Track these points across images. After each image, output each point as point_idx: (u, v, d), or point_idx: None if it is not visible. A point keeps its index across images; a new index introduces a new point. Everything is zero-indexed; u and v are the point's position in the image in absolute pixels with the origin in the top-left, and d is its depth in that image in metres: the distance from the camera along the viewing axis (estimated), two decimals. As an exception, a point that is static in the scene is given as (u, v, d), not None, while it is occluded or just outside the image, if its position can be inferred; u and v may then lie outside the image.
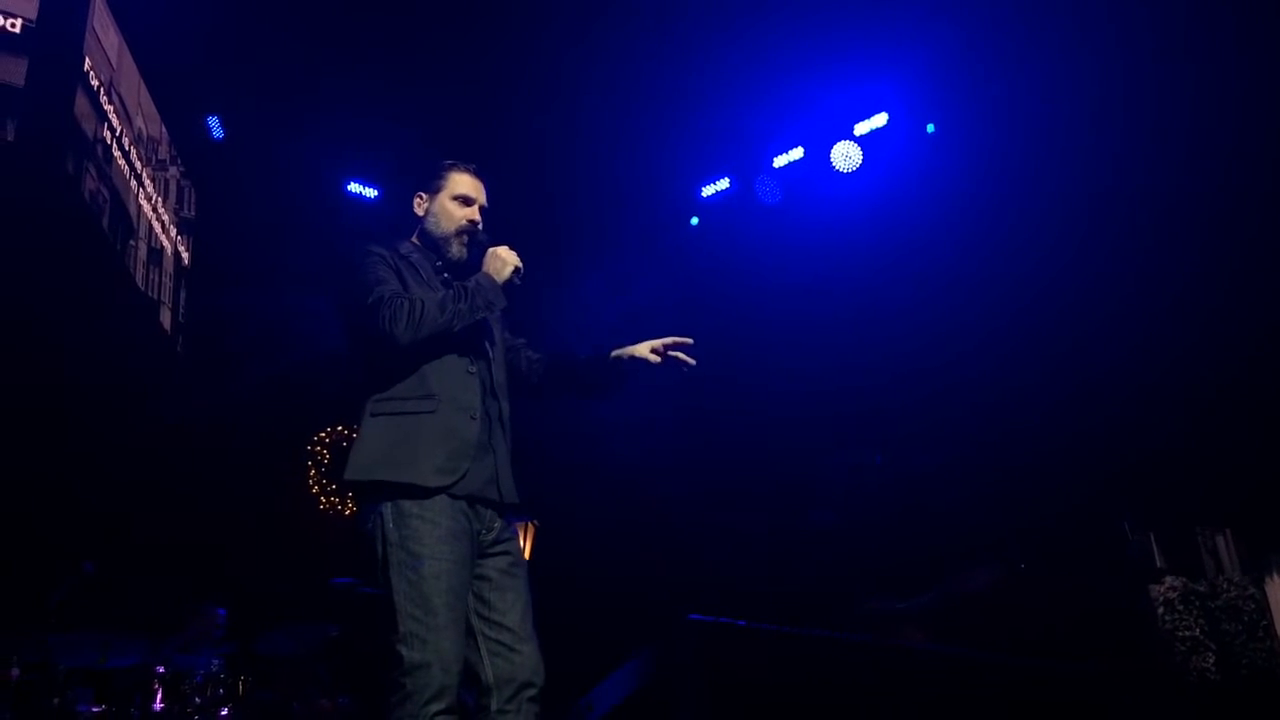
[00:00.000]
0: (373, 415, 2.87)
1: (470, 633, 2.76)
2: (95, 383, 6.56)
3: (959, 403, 7.30)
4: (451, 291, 2.93)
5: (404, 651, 2.62)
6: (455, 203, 3.19)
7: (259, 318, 7.78)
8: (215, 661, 5.66)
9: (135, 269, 6.95)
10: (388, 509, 2.74)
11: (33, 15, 5.76)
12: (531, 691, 2.76)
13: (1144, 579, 5.14)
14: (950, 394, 7.36)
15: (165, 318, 7.51)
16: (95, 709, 5.23)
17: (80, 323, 6.36)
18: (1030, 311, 7.19)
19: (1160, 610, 5.03)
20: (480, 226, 3.18)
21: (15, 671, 5.03)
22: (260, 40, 7.36)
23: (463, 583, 2.73)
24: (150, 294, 7.22)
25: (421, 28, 7.49)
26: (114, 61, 6.64)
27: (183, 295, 7.91)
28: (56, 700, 5.10)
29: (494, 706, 2.73)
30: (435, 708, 2.59)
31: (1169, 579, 5.12)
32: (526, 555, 8.71)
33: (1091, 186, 6.96)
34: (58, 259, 6.09)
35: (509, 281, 3.03)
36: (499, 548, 2.89)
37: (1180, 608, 5.01)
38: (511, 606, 2.82)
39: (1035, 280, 7.19)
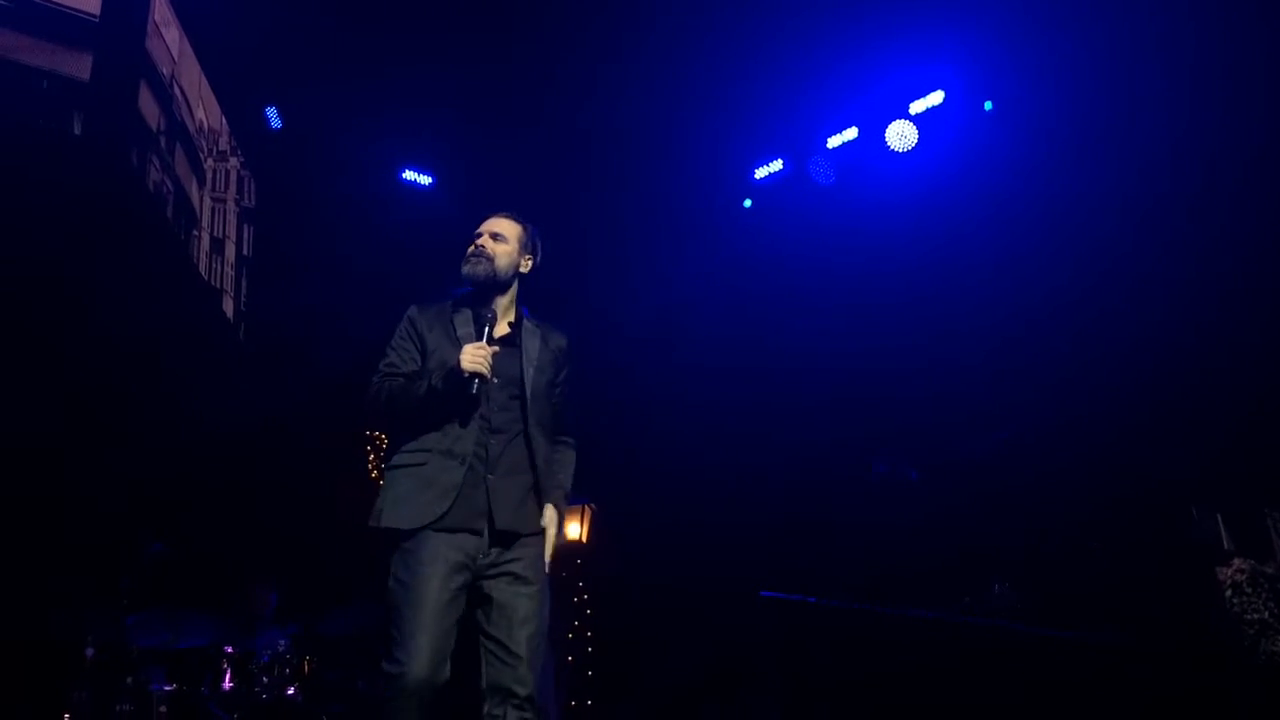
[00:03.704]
0: (387, 469, 3.30)
1: (477, 645, 3.16)
2: (161, 369, 6.70)
3: (1022, 385, 7.21)
4: (425, 382, 3.27)
5: (384, 664, 3.06)
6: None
7: (319, 303, 7.89)
8: (281, 642, 5.77)
9: (199, 258, 7.08)
10: (395, 551, 3.18)
11: (95, 11, 5.87)
12: (515, 700, 3.07)
13: (1211, 561, 5.06)
14: (1013, 376, 7.27)
15: (228, 306, 7.64)
16: (167, 688, 5.35)
17: (146, 311, 6.49)
18: (1095, 292, 7.07)
19: (1228, 593, 4.95)
20: (484, 246, 3.50)
21: (90, 651, 5.19)
22: (316, 30, 7.44)
23: (440, 599, 3.07)
24: (213, 283, 7.36)
25: (474, 13, 7.52)
26: (175, 54, 6.76)
27: (244, 284, 8.04)
28: (130, 679, 5.24)
29: (485, 710, 3.10)
30: (406, 706, 2.98)
31: (1237, 561, 5.03)
32: (584, 538, 8.83)
33: (1158, 165, 6.81)
34: (124, 249, 6.22)
35: (471, 379, 3.23)
36: (499, 569, 3.20)
37: (1248, 590, 4.93)
38: (508, 622, 3.14)
39: (1099, 260, 7.06)
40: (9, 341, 5.69)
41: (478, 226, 3.62)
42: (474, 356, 3.20)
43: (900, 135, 7.99)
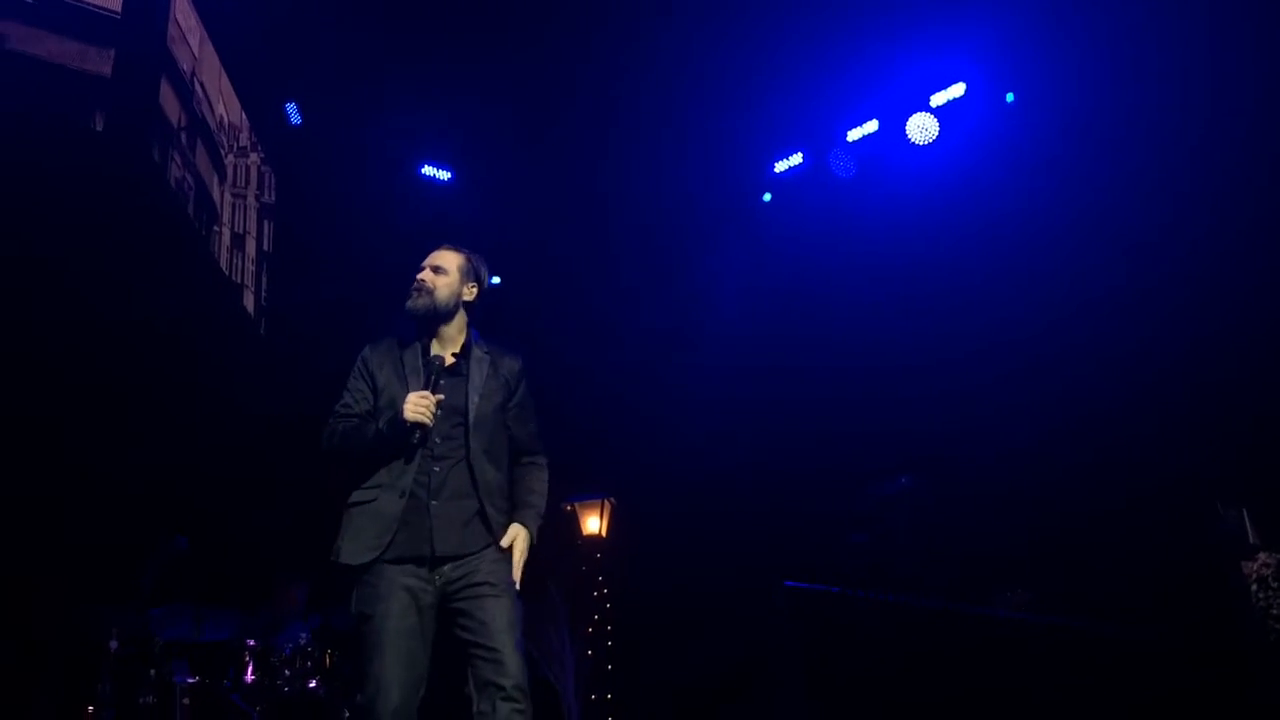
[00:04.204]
0: (345, 508, 3.42)
1: (463, 655, 3.25)
2: (183, 364, 6.74)
3: (1046, 379, 7.16)
4: (374, 425, 3.43)
5: (358, 695, 3.31)
6: None
7: (339, 297, 7.92)
8: (303, 635, 5.80)
9: (219, 254, 7.11)
10: (355, 587, 3.32)
11: (117, 7, 5.89)
12: (502, 692, 3.13)
13: (1236, 555, 5.01)
14: (1036, 370, 7.23)
15: (249, 301, 7.68)
16: (190, 680, 5.38)
17: (168, 307, 6.52)
18: (1119, 284, 7.00)
19: (1253, 587, 4.90)
20: (424, 279, 3.62)
21: (114, 644, 5.23)
22: (335, 26, 7.47)
23: (400, 628, 3.22)
24: (234, 278, 7.39)
25: (492, 8, 7.53)
26: (195, 50, 6.79)
27: (264, 279, 8.08)
28: (153, 672, 5.27)
29: (476, 708, 3.17)
30: None
31: (1263, 555, 4.98)
32: (603, 532, 8.86)
33: (1182, 156, 6.74)
34: (146, 245, 6.26)
35: (414, 428, 3.35)
36: (460, 583, 3.31)
37: (1274, 584, 4.88)
38: (480, 623, 3.24)
39: (1122, 253, 7.00)
40: (30, 336, 5.74)
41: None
42: (416, 407, 3.32)
43: (921, 128, 7.95)
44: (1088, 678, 4.11)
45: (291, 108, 8.12)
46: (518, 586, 3.40)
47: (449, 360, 3.56)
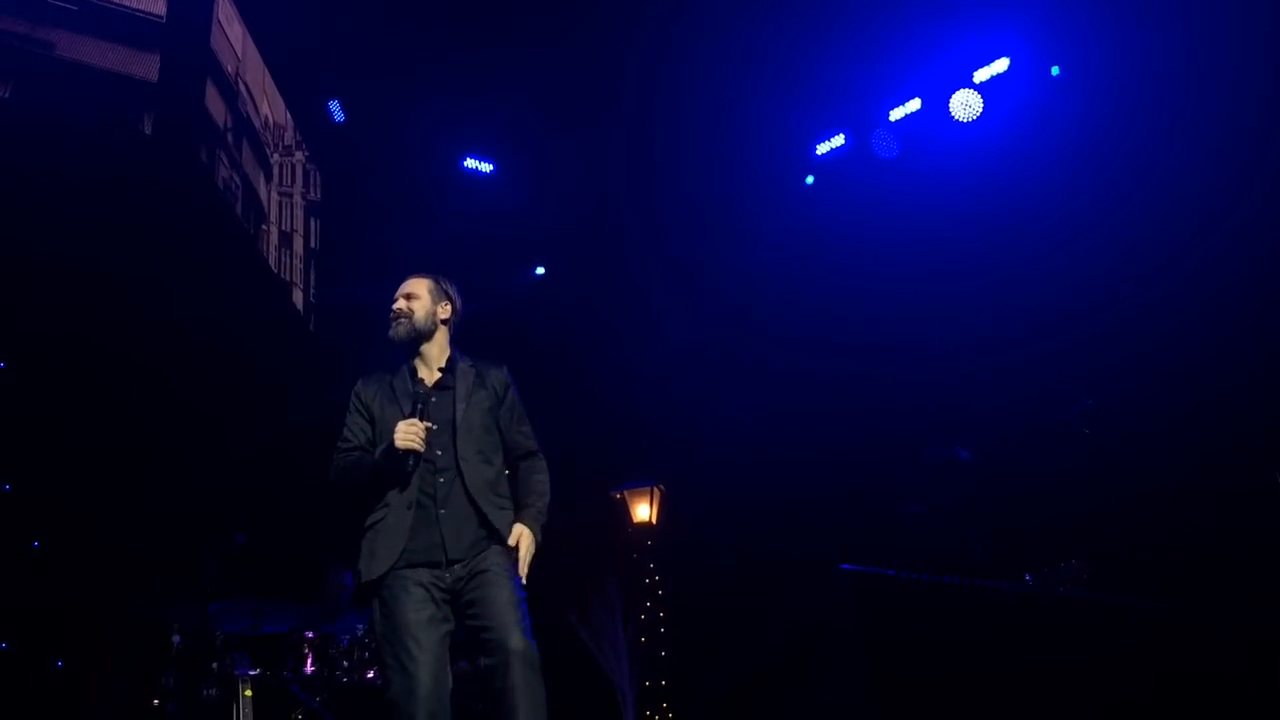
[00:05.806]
0: (363, 530, 3.58)
1: (474, 643, 3.40)
2: (235, 362, 6.83)
3: (1101, 353, 7.06)
4: (372, 457, 3.61)
5: (385, 692, 3.35)
6: None
7: (386, 293, 7.98)
8: (360, 626, 5.87)
9: (268, 252, 7.20)
10: (375, 595, 3.49)
11: (161, 12, 5.97)
12: (506, 663, 3.26)
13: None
14: (1091, 344, 7.12)
15: (297, 298, 7.77)
16: (251, 673, 5.48)
17: (219, 306, 6.62)
18: (1171, 258, 6.87)
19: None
20: (400, 308, 3.81)
21: (177, 639, 5.34)
22: (374, 23, 7.51)
23: (422, 619, 3.39)
24: (283, 276, 7.48)
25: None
26: (239, 52, 6.86)
27: (312, 276, 8.17)
28: (215, 665, 5.37)
29: (493, 685, 3.29)
30: None
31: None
32: (654, 519, 8.87)
33: (1234, 128, 6.59)
34: (197, 245, 6.35)
35: (406, 456, 3.50)
36: (467, 579, 3.45)
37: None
38: (488, 608, 3.37)
39: (1173, 227, 6.86)
40: (87, 338, 5.85)
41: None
42: (406, 435, 3.46)
43: (965, 105, 7.84)
44: (1151, 655, 4.07)
45: (334, 105, 8.19)
46: (524, 582, 3.53)
47: (434, 377, 3.73)
